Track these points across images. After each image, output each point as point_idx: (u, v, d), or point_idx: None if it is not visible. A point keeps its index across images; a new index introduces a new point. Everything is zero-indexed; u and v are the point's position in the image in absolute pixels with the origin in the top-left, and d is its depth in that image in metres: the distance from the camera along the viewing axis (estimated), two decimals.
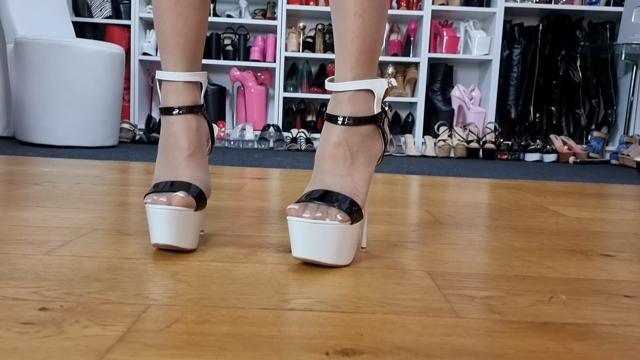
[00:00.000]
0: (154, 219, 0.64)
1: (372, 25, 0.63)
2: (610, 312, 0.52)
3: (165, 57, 0.69)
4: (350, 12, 0.63)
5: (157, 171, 0.70)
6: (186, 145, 0.69)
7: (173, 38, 0.68)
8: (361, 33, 0.63)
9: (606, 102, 3.29)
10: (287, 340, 0.43)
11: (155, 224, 0.64)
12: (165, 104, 0.70)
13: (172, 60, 0.69)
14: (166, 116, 0.69)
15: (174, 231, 0.64)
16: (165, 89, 0.69)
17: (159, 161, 0.70)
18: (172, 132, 0.69)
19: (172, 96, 0.69)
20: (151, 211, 0.64)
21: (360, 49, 0.63)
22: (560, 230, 0.94)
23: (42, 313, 0.46)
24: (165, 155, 0.70)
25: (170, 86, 0.69)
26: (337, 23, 0.65)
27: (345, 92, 0.65)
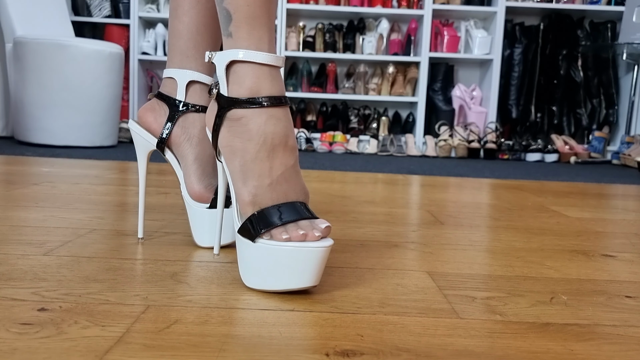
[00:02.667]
0: (306, 260, 0.50)
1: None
2: (612, 313, 0.52)
3: (255, 32, 0.54)
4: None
5: (259, 182, 0.54)
6: (295, 145, 0.57)
7: (269, 8, 0.56)
8: None
9: (607, 101, 3.29)
10: (287, 341, 0.42)
11: (304, 266, 0.51)
12: (268, 92, 0.55)
13: (265, 37, 0.55)
14: (273, 109, 0.55)
15: (319, 269, 0.52)
16: (257, 73, 0.55)
17: (262, 169, 0.54)
18: (280, 128, 0.55)
19: (270, 82, 0.55)
20: (301, 252, 0.50)
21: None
22: (562, 231, 0.94)
23: (41, 314, 0.45)
24: (271, 161, 0.55)
25: (267, 71, 0.55)
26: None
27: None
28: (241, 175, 0.55)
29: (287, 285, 0.52)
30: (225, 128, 0.56)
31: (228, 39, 0.55)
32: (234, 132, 0.55)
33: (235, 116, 0.55)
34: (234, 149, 0.55)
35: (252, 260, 0.53)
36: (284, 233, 0.51)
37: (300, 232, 0.51)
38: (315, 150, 3.07)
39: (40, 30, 2.52)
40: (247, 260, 0.53)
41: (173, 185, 1.29)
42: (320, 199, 1.18)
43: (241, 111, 0.55)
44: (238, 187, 0.55)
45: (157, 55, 3.20)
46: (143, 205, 0.71)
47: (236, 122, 0.55)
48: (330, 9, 3.14)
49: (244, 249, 0.54)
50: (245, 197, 0.54)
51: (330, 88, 3.27)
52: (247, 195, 0.54)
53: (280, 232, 0.51)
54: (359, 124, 3.30)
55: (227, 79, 0.55)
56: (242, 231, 0.54)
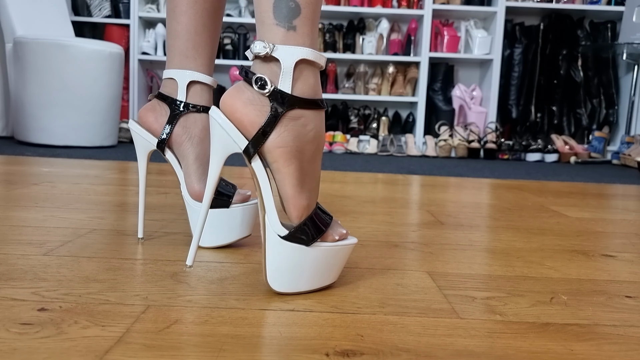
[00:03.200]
0: (346, 256, 0.56)
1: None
2: (612, 313, 0.52)
3: (316, 31, 0.54)
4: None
5: (310, 184, 0.54)
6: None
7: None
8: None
9: (607, 101, 3.29)
10: (287, 341, 0.42)
11: (343, 262, 0.56)
12: (321, 95, 0.55)
13: (317, 37, 0.54)
14: (323, 111, 0.55)
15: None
16: (317, 75, 0.54)
17: (313, 171, 0.55)
18: (324, 131, 0.55)
19: (320, 85, 0.55)
20: (347, 249, 0.56)
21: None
22: (562, 231, 0.94)
23: (41, 314, 0.45)
24: (319, 162, 0.56)
25: (318, 74, 0.55)
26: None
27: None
28: (300, 179, 0.53)
29: (320, 284, 0.54)
30: (282, 128, 0.51)
31: (289, 32, 0.51)
32: (293, 132, 0.52)
33: (295, 116, 0.52)
34: (292, 150, 0.52)
35: (300, 265, 0.52)
36: (335, 235, 0.55)
37: (344, 231, 0.55)
38: None
39: (40, 30, 2.52)
40: (292, 265, 0.52)
41: (173, 185, 1.29)
42: (320, 199, 1.18)
43: (302, 111, 0.52)
44: (296, 192, 0.53)
45: (157, 55, 3.20)
46: (143, 205, 0.71)
47: (295, 121, 0.52)
48: (330, 9, 3.14)
49: (290, 254, 0.52)
50: (303, 202, 0.53)
51: (330, 88, 3.26)
52: (305, 199, 0.53)
53: (332, 234, 0.54)
54: (359, 124, 3.30)
55: (293, 75, 0.51)
56: (297, 236, 0.52)
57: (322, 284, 0.55)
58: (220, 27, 0.73)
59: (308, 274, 0.53)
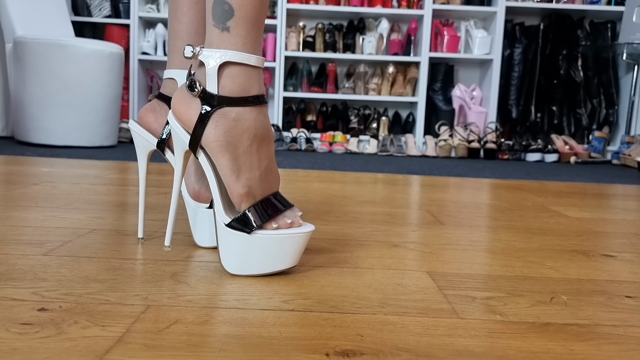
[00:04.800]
0: (294, 244, 0.58)
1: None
2: (612, 313, 0.52)
3: (253, 32, 0.56)
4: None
5: (250, 173, 0.58)
6: (273, 137, 0.59)
7: (265, 11, 0.59)
8: None
9: (607, 101, 3.29)
10: (287, 341, 0.42)
11: (293, 249, 0.58)
12: (256, 91, 0.58)
13: (259, 39, 0.58)
14: (260, 107, 0.58)
15: (302, 251, 0.60)
16: (249, 74, 0.57)
17: (252, 162, 0.58)
18: (265, 123, 0.58)
19: (258, 82, 0.58)
20: (293, 238, 0.57)
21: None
22: (562, 231, 0.94)
23: (41, 314, 0.45)
24: (259, 153, 0.58)
25: (256, 71, 0.58)
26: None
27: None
28: (234, 169, 0.57)
29: (274, 268, 0.58)
30: (213, 124, 0.56)
31: (223, 33, 0.55)
32: (223, 127, 0.56)
33: (224, 112, 0.56)
34: (223, 143, 0.56)
35: (245, 250, 0.57)
36: (274, 223, 0.57)
37: (288, 221, 0.58)
38: (315, 150, 3.07)
39: (40, 30, 2.52)
40: (237, 249, 0.57)
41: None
42: (320, 199, 1.18)
43: (231, 108, 0.56)
44: (231, 181, 0.57)
45: (157, 55, 3.20)
46: (143, 205, 0.71)
47: (225, 117, 0.56)
48: (330, 9, 3.14)
49: (235, 241, 0.57)
50: (240, 190, 0.57)
51: (330, 88, 3.26)
52: (241, 188, 0.57)
53: (271, 223, 0.57)
54: (359, 124, 3.30)
55: (218, 77, 0.56)
56: (236, 225, 0.57)
57: (274, 269, 0.58)
58: None
59: (255, 259, 0.57)
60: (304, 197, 1.18)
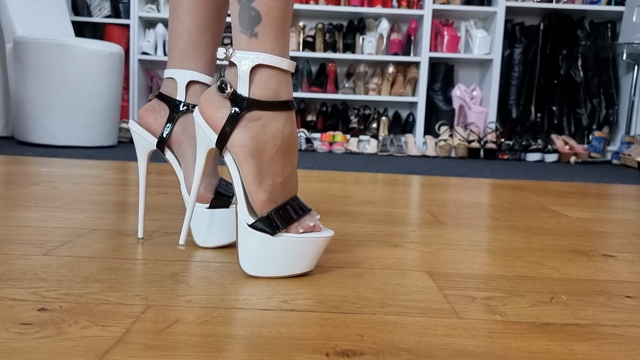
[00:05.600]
0: (315, 248, 0.58)
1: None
2: (612, 313, 0.52)
3: (281, 37, 0.56)
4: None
5: (274, 180, 0.57)
6: (298, 146, 0.60)
7: (291, 15, 0.58)
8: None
9: (607, 101, 3.29)
10: (287, 341, 0.42)
11: (313, 253, 0.58)
12: (286, 97, 0.57)
13: (287, 43, 0.57)
14: (289, 113, 0.57)
15: (320, 255, 0.60)
16: (279, 78, 0.56)
17: (276, 169, 0.57)
18: (292, 130, 0.58)
19: (287, 87, 0.57)
20: (315, 242, 0.58)
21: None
22: (562, 231, 0.94)
23: (41, 314, 0.45)
24: (284, 161, 0.58)
25: (285, 76, 0.57)
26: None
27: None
28: (257, 176, 0.57)
29: (292, 271, 0.58)
30: (241, 128, 0.56)
31: (251, 39, 0.55)
32: (251, 132, 0.56)
33: (254, 117, 0.56)
34: (249, 149, 0.56)
35: (269, 252, 0.57)
36: (300, 227, 0.57)
37: (311, 224, 0.58)
38: (315, 150, 3.07)
39: (40, 30, 2.52)
40: (259, 251, 0.57)
41: (173, 185, 1.29)
42: (320, 199, 1.18)
43: (261, 113, 0.56)
44: (253, 187, 0.57)
45: (157, 55, 3.20)
46: (143, 205, 0.71)
47: (254, 122, 0.56)
48: (330, 9, 3.14)
49: (257, 241, 0.57)
50: (262, 196, 0.57)
51: (330, 88, 3.26)
52: (263, 194, 0.57)
53: (296, 226, 0.57)
54: (359, 124, 3.30)
55: (249, 79, 0.55)
56: (259, 226, 0.57)
57: (292, 272, 0.58)
58: (223, 27, 0.73)
59: (275, 261, 0.57)
60: (304, 197, 1.18)
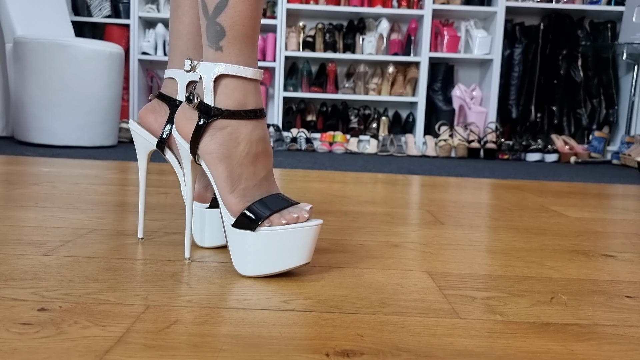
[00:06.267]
0: (304, 238, 0.57)
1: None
2: (612, 313, 0.52)
3: (246, 49, 0.58)
4: None
5: (246, 184, 0.58)
6: (271, 151, 0.62)
7: (257, 28, 0.59)
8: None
9: (607, 101, 3.29)
10: (287, 341, 0.42)
11: (303, 244, 0.57)
12: (253, 106, 0.59)
13: (253, 54, 0.59)
14: (257, 121, 0.59)
15: (313, 247, 0.59)
16: (245, 87, 0.58)
17: (248, 173, 0.58)
18: (262, 136, 0.59)
19: (254, 96, 0.59)
20: (300, 231, 0.57)
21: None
22: (562, 231, 0.94)
23: (41, 314, 0.45)
24: (255, 165, 0.59)
25: (252, 85, 0.59)
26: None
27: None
28: (229, 181, 0.58)
29: (287, 265, 0.57)
30: (209, 136, 0.58)
31: (217, 52, 0.57)
32: (219, 140, 0.58)
33: (220, 125, 0.58)
34: (218, 155, 0.58)
35: (254, 248, 0.57)
36: (282, 218, 0.57)
37: (295, 215, 0.57)
38: (315, 150, 3.07)
39: (40, 30, 2.52)
40: (248, 250, 0.57)
41: (173, 185, 1.29)
42: (320, 198, 1.18)
43: (227, 121, 0.58)
44: (225, 191, 0.58)
45: (157, 55, 3.20)
46: (143, 205, 0.71)
47: (221, 130, 0.58)
48: (330, 9, 3.14)
49: (242, 240, 0.57)
50: (234, 199, 0.58)
51: (330, 88, 3.26)
52: (235, 198, 0.58)
53: (278, 217, 0.57)
54: (359, 124, 3.30)
55: (214, 89, 0.57)
56: (240, 224, 0.57)
57: (285, 267, 0.57)
58: None
59: (265, 257, 0.57)
60: (304, 197, 1.18)
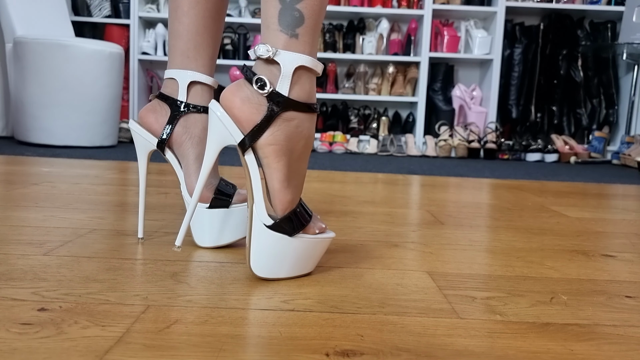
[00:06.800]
0: (324, 249, 0.60)
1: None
2: (612, 313, 0.52)
3: (316, 40, 0.57)
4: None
5: (297, 180, 0.58)
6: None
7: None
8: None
9: (607, 101, 3.29)
10: (287, 341, 0.42)
11: (320, 254, 0.60)
12: (315, 99, 0.58)
13: (317, 46, 0.59)
14: (315, 114, 0.58)
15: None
16: (313, 81, 0.57)
17: (301, 169, 0.58)
18: (314, 134, 0.59)
19: (315, 91, 0.59)
20: (325, 242, 0.60)
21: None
22: (562, 231, 0.94)
23: (41, 314, 0.45)
24: (305, 162, 0.59)
25: (315, 80, 0.58)
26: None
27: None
28: (287, 174, 0.56)
29: (300, 272, 0.59)
30: (275, 127, 0.55)
31: (291, 39, 0.54)
32: (286, 132, 0.55)
33: (289, 117, 0.55)
34: (282, 148, 0.55)
35: (282, 253, 0.57)
36: (315, 228, 0.59)
37: (323, 226, 0.59)
38: (315, 150, 3.07)
39: (40, 30, 2.52)
40: (276, 253, 0.57)
41: (173, 185, 1.29)
42: (320, 198, 1.18)
43: (295, 114, 0.56)
44: (283, 186, 0.56)
45: (157, 55, 3.20)
46: (143, 205, 0.71)
47: (287, 122, 0.55)
48: (330, 9, 3.14)
49: (273, 243, 0.56)
50: (289, 196, 0.57)
51: (330, 88, 3.26)
52: (290, 194, 0.57)
53: (312, 227, 0.59)
54: (359, 124, 3.30)
55: (291, 80, 0.55)
56: (281, 227, 0.56)
57: (300, 272, 0.59)
58: (222, 28, 0.73)
59: (289, 262, 0.58)
60: (304, 197, 1.18)
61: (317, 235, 0.59)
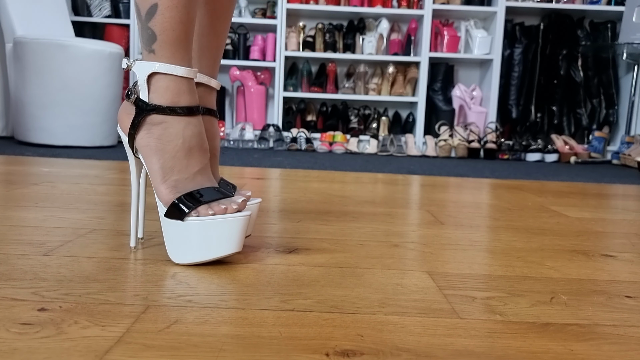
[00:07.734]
0: (230, 229, 0.60)
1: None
2: (612, 313, 0.52)
3: (178, 52, 0.61)
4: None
5: (178, 176, 0.62)
6: (207, 147, 0.65)
7: (190, 32, 0.62)
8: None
9: (607, 101, 3.29)
10: (286, 341, 0.42)
11: (229, 234, 0.60)
12: (186, 103, 0.62)
13: (186, 56, 0.63)
14: (190, 117, 0.62)
15: (242, 237, 0.61)
16: (178, 86, 0.62)
17: (180, 166, 0.62)
18: (196, 133, 0.63)
19: (188, 94, 0.62)
20: (226, 222, 0.59)
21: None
22: (562, 231, 0.94)
23: (41, 314, 0.45)
24: (188, 159, 0.62)
25: (186, 84, 0.62)
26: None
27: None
28: (161, 172, 0.62)
29: (215, 254, 0.60)
30: (144, 130, 0.62)
31: (150, 54, 0.61)
32: (153, 134, 0.62)
33: (155, 121, 0.61)
34: (152, 148, 0.62)
35: (182, 237, 0.60)
36: (209, 209, 0.60)
37: (222, 207, 0.60)
38: (315, 150, 3.07)
39: (40, 30, 2.52)
40: (177, 238, 0.61)
41: None
42: (320, 198, 1.18)
43: (162, 117, 0.61)
44: (157, 181, 0.62)
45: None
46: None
47: (156, 125, 0.62)
48: (330, 9, 3.14)
49: (172, 229, 0.61)
50: (165, 189, 0.61)
51: (330, 88, 3.26)
52: (166, 188, 0.61)
53: (206, 209, 0.60)
54: (359, 124, 3.30)
55: (148, 87, 0.61)
56: (170, 214, 0.60)
57: (214, 255, 0.60)
58: (228, 30, 0.73)
59: (194, 246, 0.60)
60: (304, 197, 1.18)
61: (208, 217, 0.59)
